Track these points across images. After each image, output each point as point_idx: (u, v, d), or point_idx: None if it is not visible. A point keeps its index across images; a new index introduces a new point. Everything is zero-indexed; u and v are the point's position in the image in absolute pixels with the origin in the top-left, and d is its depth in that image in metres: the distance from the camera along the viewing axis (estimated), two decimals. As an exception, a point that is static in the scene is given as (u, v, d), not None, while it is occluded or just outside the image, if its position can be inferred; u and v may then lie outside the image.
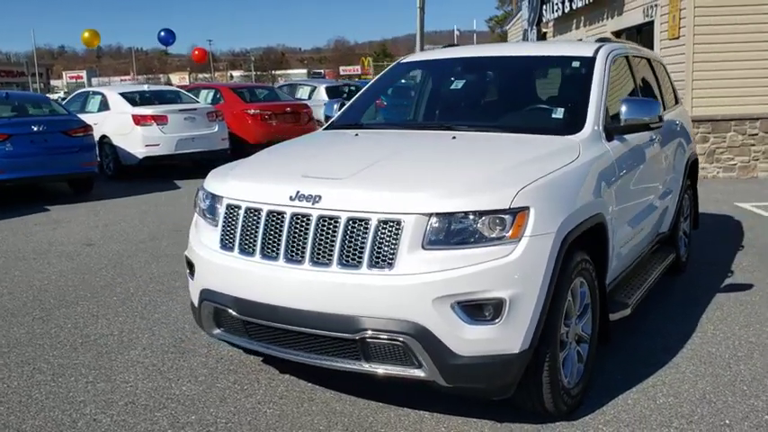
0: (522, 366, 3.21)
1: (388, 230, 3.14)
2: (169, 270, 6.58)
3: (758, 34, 11.14)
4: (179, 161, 13.04)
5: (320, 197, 3.27)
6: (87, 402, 3.87)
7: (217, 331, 3.74)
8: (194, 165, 13.48)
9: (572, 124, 4.09)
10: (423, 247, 3.11)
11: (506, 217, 3.11)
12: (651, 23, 12.86)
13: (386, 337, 3.14)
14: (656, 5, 12.52)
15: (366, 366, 3.29)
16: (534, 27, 20.36)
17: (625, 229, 4.29)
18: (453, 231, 3.12)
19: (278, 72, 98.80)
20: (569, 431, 3.46)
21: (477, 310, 3.09)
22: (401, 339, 3.12)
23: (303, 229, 3.30)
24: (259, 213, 3.43)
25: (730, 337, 4.64)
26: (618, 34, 14.84)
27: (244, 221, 3.48)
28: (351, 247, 3.19)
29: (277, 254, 3.35)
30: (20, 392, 4.01)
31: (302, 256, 3.28)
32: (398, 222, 3.13)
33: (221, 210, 3.64)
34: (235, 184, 3.65)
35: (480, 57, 5.03)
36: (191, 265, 3.88)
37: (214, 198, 3.76)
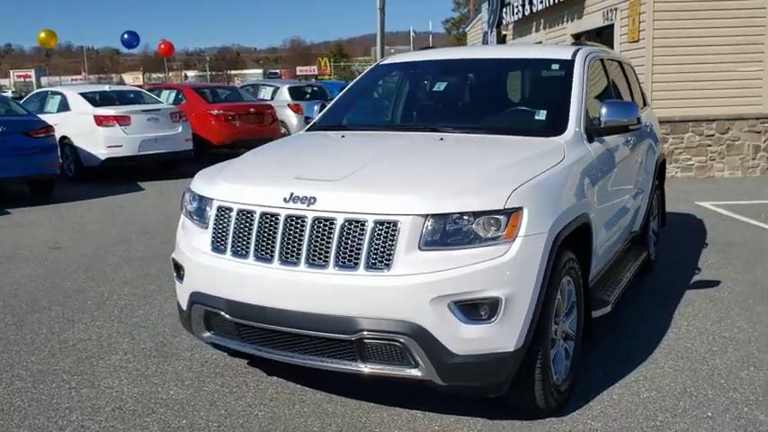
0: (517, 364, 3.27)
1: (385, 232, 3.17)
2: (142, 273, 6.49)
3: (714, 38, 11.48)
4: (142, 162, 12.81)
5: (315, 199, 3.28)
6: (73, 409, 3.80)
7: (207, 334, 3.72)
8: (157, 166, 13.32)
9: (555, 126, 4.17)
10: (419, 248, 3.15)
11: (501, 217, 3.17)
12: (611, 27, 13.13)
13: (383, 337, 3.17)
14: (615, 9, 12.79)
15: (361, 367, 3.30)
16: (494, 29, 20.59)
17: (605, 228, 4.39)
18: (449, 232, 3.16)
19: (234, 72, 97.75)
20: (559, 427, 3.53)
21: (473, 309, 3.14)
22: (399, 339, 3.15)
23: (298, 230, 3.30)
24: (252, 215, 3.43)
25: (703, 333, 4.79)
26: (577, 37, 15.12)
27: (236, 224, 3.47)
28: (347, 248, 3.21)
29: (271, 256, 3.35)
30: (0, 400, 3.92)
31: (297, 258, 3.29)
32: (395, 224, 3.16)
33: (211, 212, 3.62)
34: (225, 186, 3.63)
35: (460, 59, 5.09)
36: (179, 268, 3.85)
37: (203, 200, 3.73)
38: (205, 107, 14.55)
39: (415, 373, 3.22)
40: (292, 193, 3.33)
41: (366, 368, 3.30)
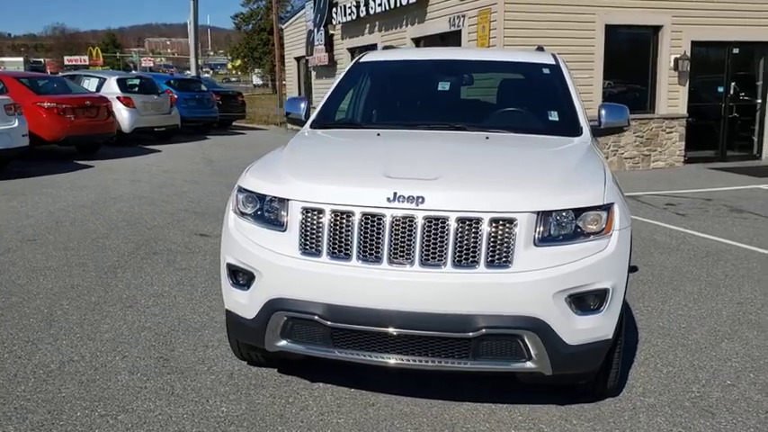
0: (608, 349, 3.50)
1: (502, 229, 3.23)
2: (66, 284, 5.80)
3: (556, 47, 12.45)
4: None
5: (423, 198, 3.24)
6: (128, 438, 3.39)
7: (282, 343, 3.50)
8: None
9: (571, 127, 4.46)
10: (535, 244, 3.25)
11: (602, 213, 3.37)
12: (457, 33, 13.88)
13: (504, 333, 3.23)
14: (463, 16, 13.56)
15: (469, 365, 3.33)
16: (322, 28, 20.78)
17: None
18: (560, 228, 3.30)
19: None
20: (624, 405, 3.82)
21: (584, 301, 3.31)
22: (520, 334, 3.23)
23: (408, 230, 3.24)
24: (350, 217, 3.30)
25: (664, 312, 5.38)
26: (417, 41, 15.80)
27: (331, 225, 3.32)
28: (464, 247, 3.22)
29: (378, 257, 3.25)
30: (30, 437, 3.38)
31: (408, 258, 3.24)
32: (512, 221, 3.22)
33: (292, 214, 3.40)
34: (307, 187, 3.43)
35: (457, 60, 5.21)
36: (239, 274, 3.58)
37: (271, 200, 3.50)
38: (33, 99, 13.06)
39: (528, 366, 3.32)
40: (396, 193, 3.26)
41: (474, 366, 3.33)
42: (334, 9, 19.72)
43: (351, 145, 4.30)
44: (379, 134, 4.32)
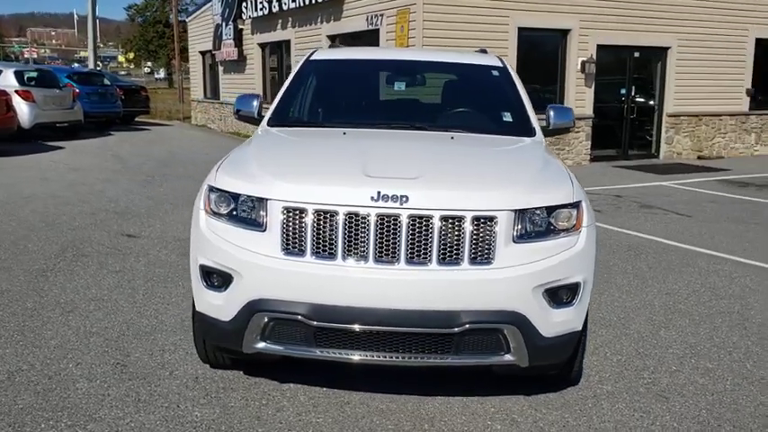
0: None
1: (483, 227, 3.32)
2: (-5, 289, 5.49)
3: (474, 47, 12.91)
4: None
5: (407, 197, 3.28)
6: (102, 448, 3.26)
7: (261, 344, 3.45)
8: None
9: (524, 127, 4.63)
10: (514, 241, 3.37)
11: (573, 210, 3.53)
12: (375, 31, 13.96)
13: (487, 328, 3.33)
14: (381, 15, 13.65)
15: (449, 360, 3.41)
16: (231, 23, 20.37)
17: None
18: (534, 225, 3.43)
19: None
20: (586, 394, 4.00)
21: (558, 295, 3.46)
22: (501, 328, 3.33)
23: (392, 229, 3.28)
24: (334, 216, 3.30)
25: (601, 304, 5.65)
26: (333, 39, 15.77)
27: (315, 225, 3.30)
28: (448, 244, 3.29)
29: (364, 256, 3.28)
30: (-5, 452, 3.19)
31: (394, 257, 3.28)
32: (493, 219, 3.32)
33: (272, 213, 3.36)
34: (287, 186, 3.39)
35: (412, 60, 5.26)
36: (215, 275, 3.51)
37: (243, 200, 3.45)
38: (-76, 91, 12.19)
39: (507, 358, 3.43)
40: (380, 192, 3.29)
41: (455, 360, 3.41)
42: (243, 3, 19.35)
43: (320, 144, 4.28)
44: (345, 133, 4.32)
